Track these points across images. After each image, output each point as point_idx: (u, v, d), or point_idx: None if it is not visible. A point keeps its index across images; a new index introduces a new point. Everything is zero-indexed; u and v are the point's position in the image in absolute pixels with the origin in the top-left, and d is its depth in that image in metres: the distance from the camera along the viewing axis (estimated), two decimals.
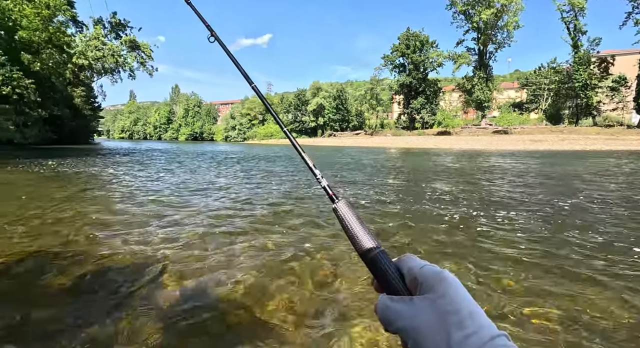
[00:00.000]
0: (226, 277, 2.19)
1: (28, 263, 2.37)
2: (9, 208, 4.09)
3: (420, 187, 5.98)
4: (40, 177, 7.21)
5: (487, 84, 41.27)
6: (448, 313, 0.30)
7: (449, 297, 0.31)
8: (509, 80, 66.30)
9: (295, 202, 4.69)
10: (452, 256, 2.55)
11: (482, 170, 9.06)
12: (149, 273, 2.19)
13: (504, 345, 0.28)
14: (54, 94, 26.87)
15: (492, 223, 3.46)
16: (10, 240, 2.86)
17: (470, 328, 0.29)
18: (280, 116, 19.74)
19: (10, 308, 1.77)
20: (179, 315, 1.72)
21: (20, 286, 2.04)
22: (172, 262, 2.38)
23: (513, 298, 1.90)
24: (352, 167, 10.20)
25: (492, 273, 2.24)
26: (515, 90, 55.35)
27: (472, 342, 0.28)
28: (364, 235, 0.39)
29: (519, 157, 14.47)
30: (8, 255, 2.49)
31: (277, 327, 1.66)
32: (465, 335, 0.29)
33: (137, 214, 3.86)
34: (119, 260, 2.45)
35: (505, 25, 38.77)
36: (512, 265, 2.39)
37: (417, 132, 46.91)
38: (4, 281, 2.11)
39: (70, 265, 2.33)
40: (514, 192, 5.43)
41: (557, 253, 2.61)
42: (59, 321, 1.66)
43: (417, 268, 0.36)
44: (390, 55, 50.72)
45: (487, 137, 34.49)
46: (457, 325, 0.29)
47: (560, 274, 2.22)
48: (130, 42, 32.46)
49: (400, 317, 0.33)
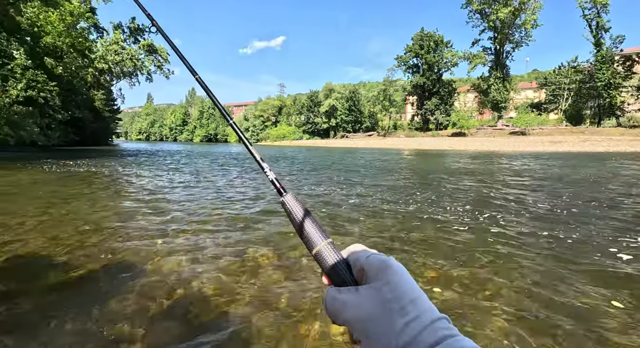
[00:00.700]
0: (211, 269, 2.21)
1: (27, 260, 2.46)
2: (34, 207, 4.25)
3: (437, 189, 5.88)
4: (72, 177, 7.48)
5: (504, 84, 40.33)
6: (391, 300, 0.31)
7: (393, 285, 0.32)
8: (526, 80, 64.64)
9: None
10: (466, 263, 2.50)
11: (501, 173, 8.84)
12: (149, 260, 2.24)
13: (443, 328, 0.29)
14: (75, 97, 27.87)
15: (505, 230, 3.37)
16: (27, 236, 2.97)
17: (412, 314, 0.30)
18: (293, 118, 20.04)
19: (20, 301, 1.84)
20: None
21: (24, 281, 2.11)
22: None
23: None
24: (369, 174, 10.14)
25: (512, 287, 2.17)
26: (533, 90, 53.91)
27: (413, 327, 0.29)
28: (310, 227, 0.39)
29: (539, 159, 14.05)
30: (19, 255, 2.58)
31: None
32: (407, 321, 0.29)
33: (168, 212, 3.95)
34: (128, 259, 2.51)
35: (523, 24, 37.81)
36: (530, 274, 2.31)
37: (431, 133, 46.28)
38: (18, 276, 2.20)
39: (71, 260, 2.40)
40: (537, 197, 5.27)
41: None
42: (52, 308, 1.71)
43: (363, 258, 0.36)
44: (404, 55, 50.29)
45: (504, 139, 33.66)
46: (399, 312, 0.30)
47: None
48: (148, 46, 33.36)
49: (347, 308, 0.33)
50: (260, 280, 2.17)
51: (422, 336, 0.28)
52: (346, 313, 0.33)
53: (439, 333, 0.28)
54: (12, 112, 19.09)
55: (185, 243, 2.86)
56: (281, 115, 73.16)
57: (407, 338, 0.28)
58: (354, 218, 3.79)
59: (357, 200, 4.82)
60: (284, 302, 1.88)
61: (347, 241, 2.95)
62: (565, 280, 2.14)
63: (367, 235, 3.11)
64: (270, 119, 73.44)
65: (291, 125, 69.52)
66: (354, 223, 3.57)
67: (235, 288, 2.04)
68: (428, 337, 0.28)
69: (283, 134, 67.01)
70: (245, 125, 75.99)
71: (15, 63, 20.46)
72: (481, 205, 4.42)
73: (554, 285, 2.07)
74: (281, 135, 66.88)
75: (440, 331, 0.28)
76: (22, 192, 5.46)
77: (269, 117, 73.42)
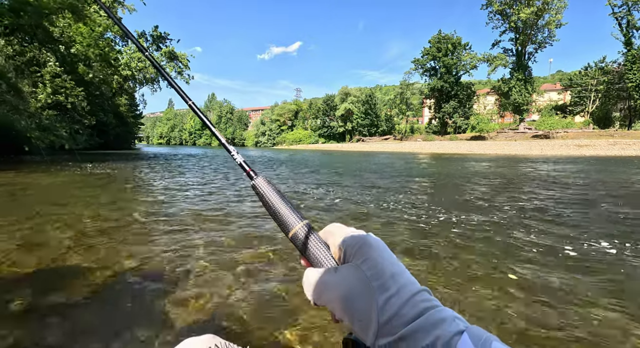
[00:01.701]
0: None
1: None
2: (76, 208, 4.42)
3: (455, 196, 5.72)
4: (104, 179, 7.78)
5: (526, 86, 39.13)
6: (371, 277, 0.30)
7: (372, 261, 0.31)
8: (550, 82, 62.47)
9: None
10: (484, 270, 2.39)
11: (525, 178, 8.52)
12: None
13: (423, 300, 0.29)
14: (101, 103, 29.14)
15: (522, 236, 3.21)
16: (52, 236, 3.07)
17: (392, 289, 0.29)
18: (309, 122, 20.04)
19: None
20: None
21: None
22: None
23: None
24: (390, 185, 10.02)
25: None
26: (557, 92, 51.98)
27: (393, 302, 0.28)
28: (285, 210, 0.38)
29: (573, 164, 13.46)
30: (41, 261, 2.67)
31: None
32: (388, 297, 0.29)
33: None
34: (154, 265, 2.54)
35: (547, 24, 36.67)
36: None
37: (449, 137, 45.39)
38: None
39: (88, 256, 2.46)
40: (567, 204, 5.03)
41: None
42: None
43: (340, 236, 0.35)
44: (421, 58, 49.77)
45: (526, 142, 32.54)
46: (379, 288, 0.29)
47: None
48: (169, 53, 34.47)
49: (326, 289, 0.32)
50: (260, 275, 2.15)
51: (403, 310, 0.28)
52: (326, 294, 0.32)
53: (420, 306, 0.28)
54: (43, 117, 20.13)
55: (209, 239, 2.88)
56: (297, 119, 73.78)
57: (389, 313, 0.28)
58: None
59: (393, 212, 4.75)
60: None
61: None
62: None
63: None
64: (287, 123, 74.17)
65: (307, 129, 69.94)
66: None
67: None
68: (409, 311, 0.28)
69: (299, 138, 67.47)
70: (262, 129, 77.05)
71: (45, 70, 21.61)
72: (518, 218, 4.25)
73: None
74: (297, 139, 67.36)
75: (421, 303, 0.28)
76: (70, 192, 5.71)
77: (285, 121, 74.17)
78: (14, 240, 2.89)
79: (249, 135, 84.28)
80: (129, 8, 29.20)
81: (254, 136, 79.75)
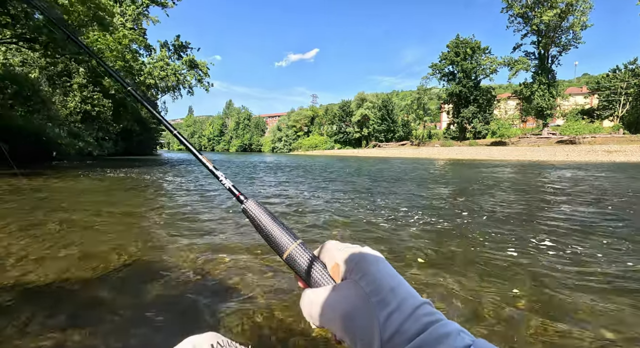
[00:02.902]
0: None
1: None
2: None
3: (478, 204, 5.53)
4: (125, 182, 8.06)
5: (550, 90, 37.79)
6: (370, 293, 0.29)
7: (371, 276, 0.30)
8: (576, 85, 60.19)
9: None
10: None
11: (550, 187, 8.16)
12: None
13: (426, 314, 0.28)
14: (125, 111, 30.36)
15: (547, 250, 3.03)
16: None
17: (393, 304, 0.28)
18: (325, 128, 19.96)
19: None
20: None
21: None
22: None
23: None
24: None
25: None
26: (584, 96, 49.90)
27: (395, 318, 0.28)
28: (277, 231, 0.37)
29: (602, 170, 12.82)
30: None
31: None
32: (389, 312, 0.28)
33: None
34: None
35: (571, 26, 35.43)
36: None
37: (468, 142, 44.34)
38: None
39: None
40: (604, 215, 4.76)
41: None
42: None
43: (337, 253, 0.34)
44: (439, 63, 49.17)
45: (550, 148, 31.32)
46: (380, 304, 0.28)
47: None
48: (189, 62, 35.59)
49: (325, 308, 0.31)
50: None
51: (405, 326, 0.27)
52: (326, 314, 0.31)
53: (422, 320, 0.27)
54: (72, 125, 21.17)
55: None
56: (313, 125, 74.22)
57: (391, 330, 0.27)
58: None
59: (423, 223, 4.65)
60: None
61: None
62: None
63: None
64: (303, 129, 74.74)
65: (323, 135, 70.19)
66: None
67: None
68: (412, 326, 0.27)
69: (315, 144, 67.79)
70: (278, 135, 77.96)
71: (75, 81, 22.82)
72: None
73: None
74: (313, 145, 67.70)
75: (424, 318, 0.27)
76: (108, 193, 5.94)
77: (302, 127, 74.77)
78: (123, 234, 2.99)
79: (266, 141, 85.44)
80: (153, 19, 30.47)
81: (271, 142, 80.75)
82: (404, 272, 2.34)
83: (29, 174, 9.74)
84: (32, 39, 14.13)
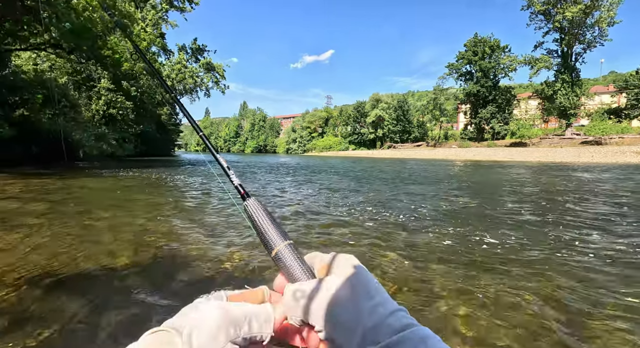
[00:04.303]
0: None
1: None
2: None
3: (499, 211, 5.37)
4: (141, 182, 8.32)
5: (573, 89, 36.35)
6: (357, 284, 0.31)
7: (358, 274, 0.32)
8: (602, 84, 57.74)
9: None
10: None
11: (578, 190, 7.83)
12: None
13: (407, 316, 0.30)
14: (145, 113, 31.33)
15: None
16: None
17: (378, 299, 0.30)
18: (339, 129, 20.00)
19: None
20: None
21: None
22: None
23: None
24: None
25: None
26: (610, 94, 47.71)
27: (380, 311, 0.29)
28: (271, 230, 0.38)
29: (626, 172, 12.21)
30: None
31: None
32: (374, 305, 0.29)
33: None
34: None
35: (597, 22, 33.95)
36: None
37: (487, 143, 43.22)
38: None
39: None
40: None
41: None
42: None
43: (325, 256, 0.36)
44: (456, 63, 48.24)
45: (574, 149, 30.09)
46: (365, 295, 0.30)
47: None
48: (206, 65, 36.33)
49: (311, 296, 0.31)
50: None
51: (388, 320, 0.28)
52: (310, 302, 0.31)
53: (403, 321, 0.29)
54: (96, 127, 22.02)
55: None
56: (327, 126, 74.25)
57: (375, 320, 0.28)
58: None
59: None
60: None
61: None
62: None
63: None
64: (317, 130, 74.89)
65: (337, 136, 70.09)
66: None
67: None
68: (394, 322, 0.28)
69: (329, 145, 67.77)
70: (293, 136, 78.40)
71: (100, 86, 23.74)
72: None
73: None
74: (327, 146, 67.68)
75: (404, 319, 0.29)
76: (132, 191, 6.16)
77: (316, 128, 74.92)
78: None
79: (281, 142, 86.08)
80: (171, 24, 31.29)
81: (285, 143, 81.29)
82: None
83: (60, 174, 10.20)
84: (58, 46, 14.79)
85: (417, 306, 1.92)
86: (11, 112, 14.02)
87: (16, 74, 15.60)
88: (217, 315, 0.28)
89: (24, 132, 13.91)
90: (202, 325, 0.27)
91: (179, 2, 29.98)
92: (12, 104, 14.44)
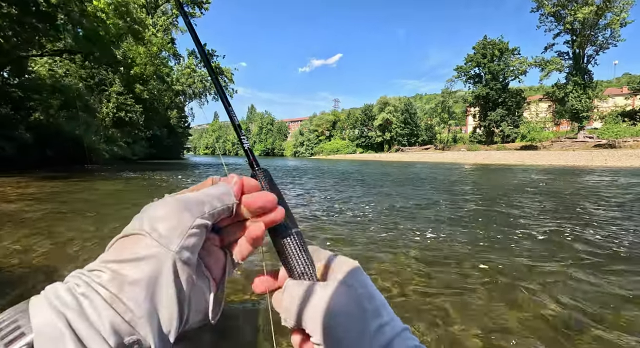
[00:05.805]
0: None
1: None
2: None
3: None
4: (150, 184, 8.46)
5: (585, 91, 35.68)
6: (363, 297, 0.29)
7: (364, 282, 0.30)
8: (615, 86, 56.62)
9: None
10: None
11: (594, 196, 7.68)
12: None
13: (412, 338, 0.28)
14: (155, 116, 31.86)
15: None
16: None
17: (385, 318, 0.28)
18: (347, 132, 20.05)
19: None
20: None
21: None
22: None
23: None
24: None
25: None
26: (624, 97, 46.67)
27: (387, 331, 0.27)
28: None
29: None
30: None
31: None
32: (381, 324, 0.28)
33: None
34: None
35: (609, 24, 33.36)
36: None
37: (496, 146, 42.64)
38: None
39: None
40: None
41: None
42: None
43: (330, 255, 0.33)
44: (464, 65, 47.89)
45: (586, 152, 29.47)
46: (373, 313, 0.28)
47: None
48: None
49: (313, 303, 0.28)
50: None
51: (395, 342, 0.27)
52: (312, 309, 0.28)
53: (409, 343, 0.27)
54: (107, 130, 22.49)
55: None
56: (335, 129, 74.27)
57: (381, 342, 0.27)
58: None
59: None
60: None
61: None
62: None
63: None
64: (325, 133, 74.94)
65: (345, 139, 70.04)
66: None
67: None
68: (400, 345, 0.27)
69: (337, 148, 67.71)
70: (300, 139, 78.60)
71: (112, 89, 24.26)
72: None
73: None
74: (335, 149, 67.64)
75: (410, 341, 0.28)
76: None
77: (323, 132, 74.99)
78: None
79: (288, 145, 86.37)
80: (181, 29, 31.87)
81: (293, 146, 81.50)
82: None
83: (72, 176, 10.44)
84: (72, 52, 15.17)
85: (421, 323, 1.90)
86: (27, 116, 14.43)
87: (33, 80, 16.06)
88: (173, 201, 0.27)
89: (40, 135, 14.30)
90: (162, 212, 0.26)
91: (189, 8, 30.51)
92: (29, 108, 14.86)
